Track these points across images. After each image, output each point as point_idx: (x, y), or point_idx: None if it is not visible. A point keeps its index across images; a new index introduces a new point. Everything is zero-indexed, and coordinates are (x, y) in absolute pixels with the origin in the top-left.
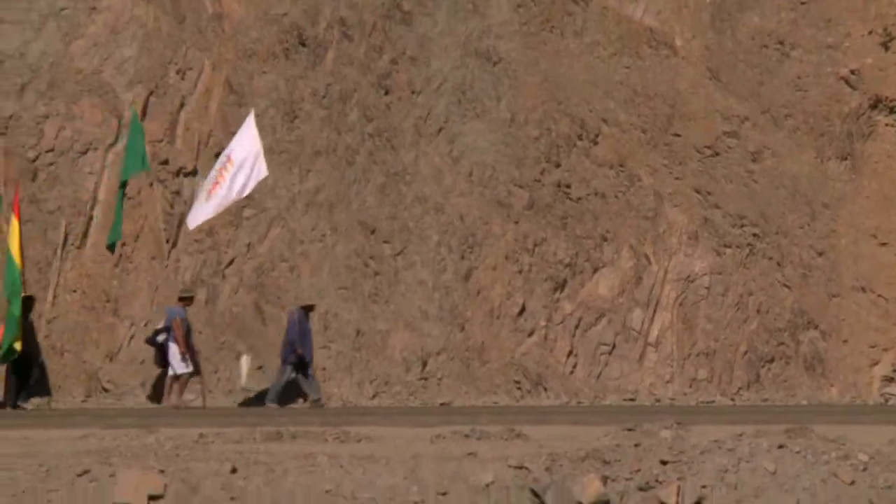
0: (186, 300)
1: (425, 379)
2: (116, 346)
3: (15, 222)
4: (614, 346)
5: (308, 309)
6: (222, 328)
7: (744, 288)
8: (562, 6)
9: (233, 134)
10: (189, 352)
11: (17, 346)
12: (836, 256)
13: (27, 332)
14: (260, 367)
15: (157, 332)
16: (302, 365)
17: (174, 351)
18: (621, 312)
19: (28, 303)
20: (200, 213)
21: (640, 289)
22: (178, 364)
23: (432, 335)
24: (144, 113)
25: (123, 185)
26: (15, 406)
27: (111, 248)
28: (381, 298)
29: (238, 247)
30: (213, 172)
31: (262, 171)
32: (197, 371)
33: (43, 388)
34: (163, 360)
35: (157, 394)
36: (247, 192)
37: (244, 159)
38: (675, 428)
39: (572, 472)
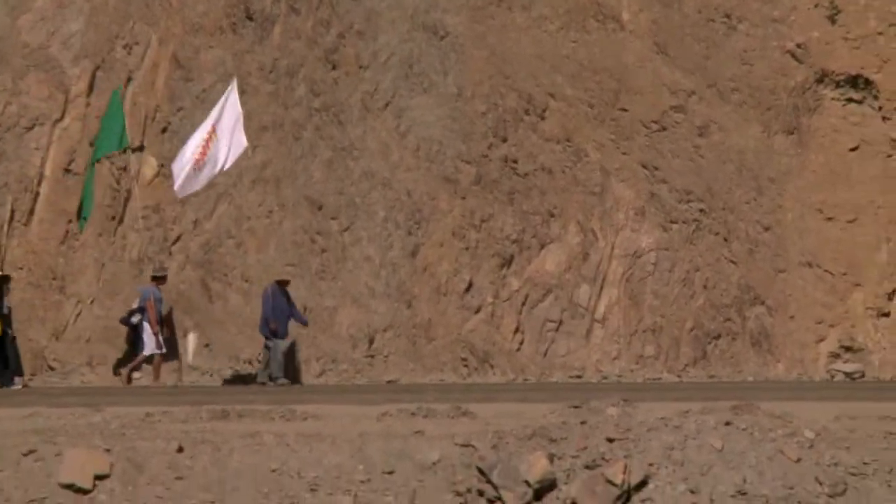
0: (160, 279)
1: (372, 356)
2: (63, 324)
3: None
4: (561, 323)
5: (283, 284)
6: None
7: (690, 264)
8: None
9: (180, 109)
10: (164, 332)
11: None
12: (782, 231)
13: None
14: (207, 345)
15: (132, 313)
16: (275, 337)
17: (148, 332)
18: (568, 289)
19: (4, 281)
20: (189, 185)
21: (587, 265)
22: (151, 345)
23: (379, 312)
24: (91, 88)
25: (95, 162)
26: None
27: (81, 226)
28: (329, 275)
29: (185, 223)
30: (193, 142)
31: (241, 141)
32: (171, 351)
33: (16, 368)
34: (134, 339)
35: (119, 371)
36: (229, 163)
37: (226, 129)
38: (621, 405)
39: (519, 450)
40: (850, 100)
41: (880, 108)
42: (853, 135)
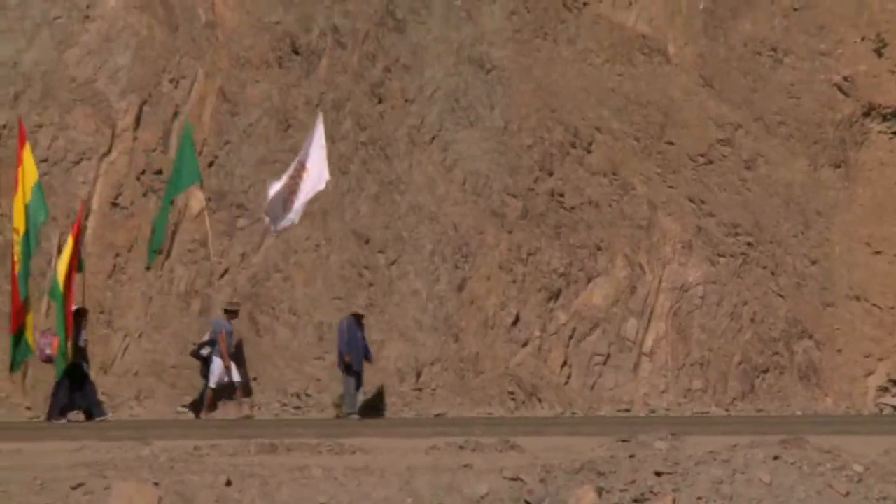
0: (232, 313)
1: (419, 390)
2: (111, 357)
3: (70, 240)
4: (609, 357)
5: (359, 317)
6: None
7: (738, 297)
8: (555, 13)
9: (227, 143)
10: (235, 365)
11: (67, 358)
12: (829, 265)
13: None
14: (255, 378)
15: (202, 346)
16: (347, 373)
17: (217, 364)
18: (615, 322)
19: (81, 315)
20: (284, 221)
21: (635, 298)
22: (218, 377)
23: (426, 345)
24: (138, 122)
25: (172, 198)
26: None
27: (151, 259)
28: (376, 308)
29: (232, 257)
30: (285, 178)
31: (325, 175)
32: (242, 384)
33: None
34: (207, 372)
35: (198, 407)
36: (309, 196)
37: (315, 163)
38: (669, 439)
39: (567, 484)
40: None
41: None
42: None
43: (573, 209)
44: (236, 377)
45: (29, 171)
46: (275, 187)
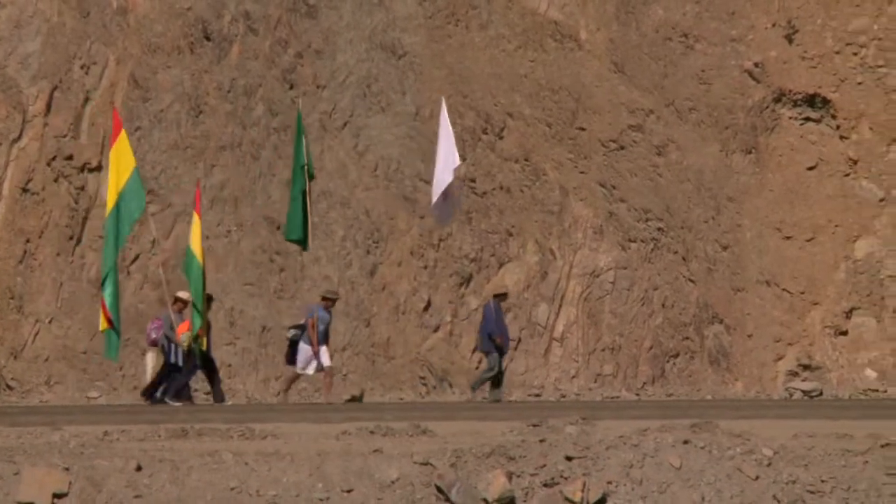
0: (329, 300)
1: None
2: (21, 343)
3: (196, 220)
4: (519, 341)
5: (501, 298)
6: (127, 325)
7: (649, 282)
8: (467, 0)
9: (138, 129)
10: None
11: (203, 343)
12: (740, 250)
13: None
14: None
15: (292, 328)
16: (499, 354)
17: (304, 350)
18: (526, 307)
19: (207, 302)
20: (445, 213)
21: (546, 284)
22: (304, 362)
23: (338, 331)
24: (49, 108)
25: (305, 183)
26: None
27: (301, 242)
28: (287, 294)
29: (143, 242)
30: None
31: (455, 160)
32: (331, 368)
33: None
34: (292, 356)
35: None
36: (444, 183)
37: (443, 149)
38: (580, 423)
39: (477, 469)
40: (807, 119)
41: (838, 127)
42: (811, 154)
43: (485, 194)
44: (326, 362)
45: (125, 159)
46: (435, 189)
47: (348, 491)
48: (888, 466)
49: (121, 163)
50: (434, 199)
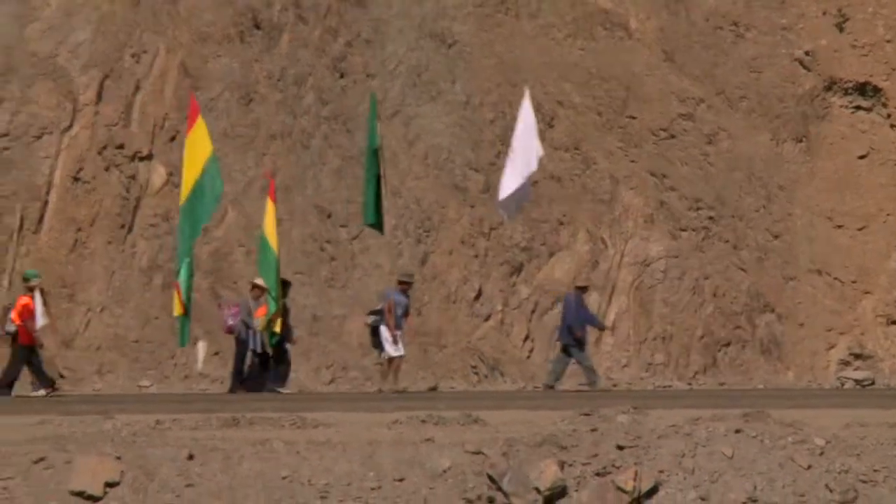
0: (406, 284)
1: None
2: (73, 332)
3: (270, 206)
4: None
5: (582, 290)
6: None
7: (700, 272)
8: None
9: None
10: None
11: (277, 328)
12: (791, 239)
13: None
14: (217, 353)
15: (371, 313)
16: (580, 347)
17: (385, 334)
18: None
19: (284, 287)
20: (511, 206)
21: (597, 273)
22: (389, 347)
23: None
24: (99, 97)
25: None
26: (270, 389)
27: (376, 226)
28: (338, 283)
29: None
30: (508, 167)
31: (538, 149)
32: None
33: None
34: (377, 342)
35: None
36: (527, 173)
37: (522, 139)
38: (631, 412)
39: (529, 458)
40: (858, 107)
41: (889, 116)
42: (862, 142)
43: (535, 183)
44: (400, 350)
45: (201, 145)
46: (505, 181)
47: (400, 480)
48: None
49: (197, 149)
50: (511, 190)
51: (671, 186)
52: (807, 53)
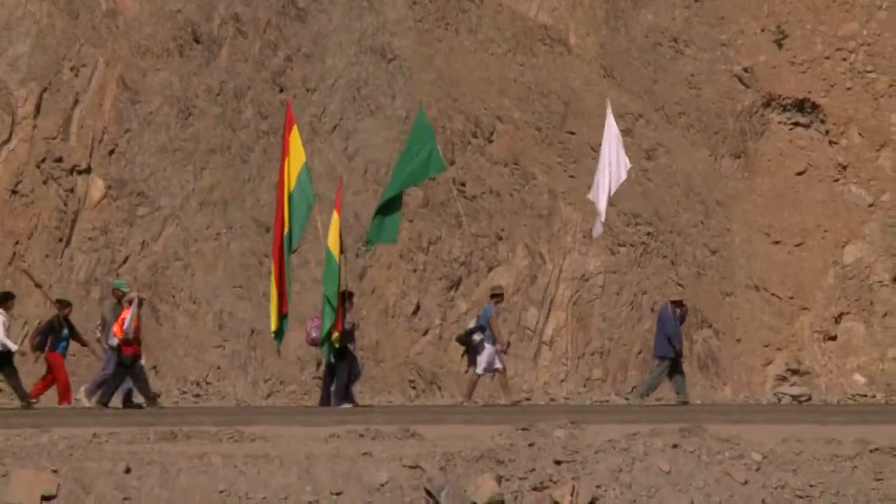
0: (498, 297)
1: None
2: None
3: (336, 218)
4: (509, 345)
5: (677, 304)
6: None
7: (638, 287)
8: (456, 3)
9: (127, 131)
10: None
11: (336, 340)
12: (729, 255)
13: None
14: (154, 367)
15: (471, 332)
16: (675, 362)
17: (488, 351)
18: (516, 311)
19: (346, 297)
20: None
21: (535, 287)
22: (486, 363)
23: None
24: (38, 110)
25: (412, 184)
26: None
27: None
28: None
29: (132, 245)
30: (598, 179)
31: (625, 162)
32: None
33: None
34: (473, 359)
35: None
36: (614, 187)
37: (609, 153)
38: (569, 427)
39: (467, 472)
40: (796, 124)
41: (827, 133)
42: (800, 159)
43: (474, 198)
44: (498, 364)
45: (295, 157)
46: (597, 193)
47: (337, 494)
48: (876, 472)
49: (293, 160)
50: (602, 204)
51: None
52: (745, 70)
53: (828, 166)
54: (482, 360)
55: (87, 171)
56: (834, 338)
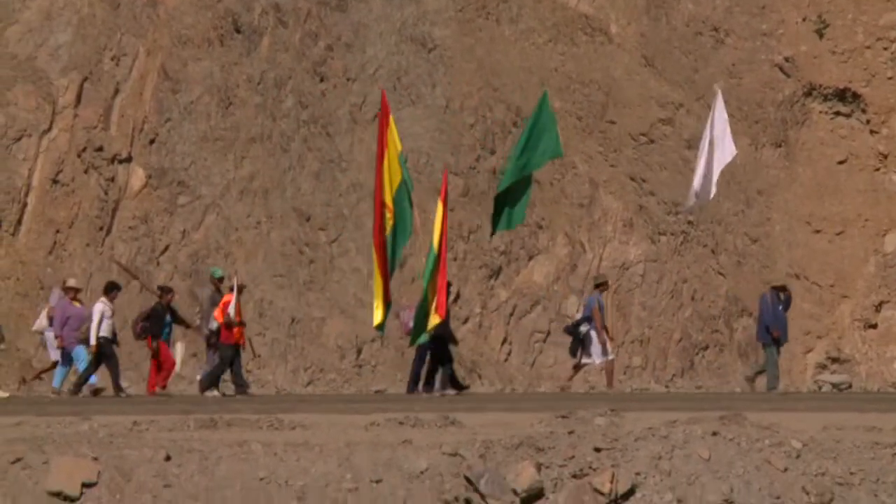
0: (602, 285)
1: (360, 366)
2: None
3: (440, 208)
4: (549, 334)
5: (780, 290)
6: None
7: (678, 275)
8: None
9: (168, 120)
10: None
11: (428, 331)
12: (769, 244)
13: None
14: (194, 355)
15: (578, 323)
16: (776, 346)
17: (594, 340)
18: (556, 300)
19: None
20: (698, 199)
21: (575, 276)
22: (598, 352)
23: (367, 323)
24: (79, 99)
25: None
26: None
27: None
28: (316, 286)
29: (172, 234)
30: (701, 161)
31: (731, 149)
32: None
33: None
34: (576, 347)
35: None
36: (716, 173)
37: (718, 139)
38: (608, 415)
39: (506, 460)
40: (837, 113)
41: (868, 122)
42: (841, 148)
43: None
44: (610, 353)
45: (392, 144)
46: (697, 174)
47: (377, 481)
48: None
49: (392, 152)
50: (712, 189)
51: (650, 191)
52: (787, 59)
53: (868, 155)
54: (596, 350)
55: (128, 160)
56: (874, 326)
